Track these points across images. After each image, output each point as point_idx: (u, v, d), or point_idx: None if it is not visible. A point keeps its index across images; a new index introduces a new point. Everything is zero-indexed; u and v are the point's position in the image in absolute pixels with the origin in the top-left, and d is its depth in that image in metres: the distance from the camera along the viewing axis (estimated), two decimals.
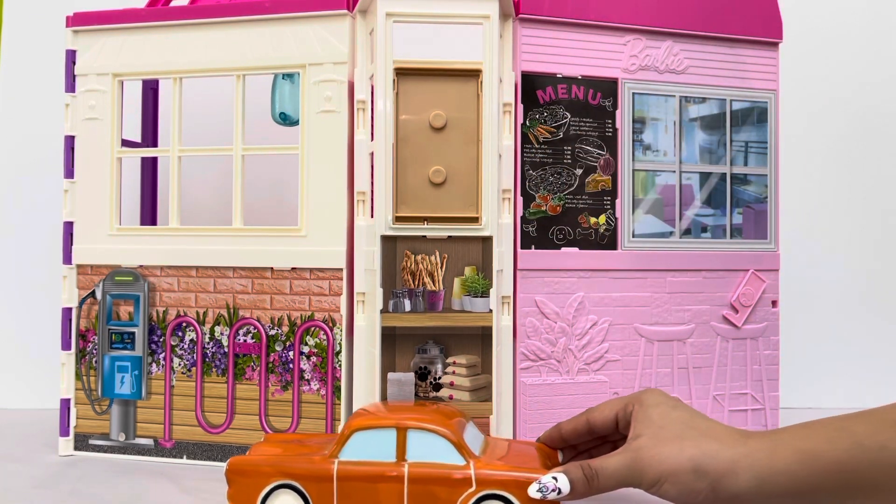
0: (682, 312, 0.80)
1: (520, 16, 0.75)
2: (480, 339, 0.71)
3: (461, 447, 0.55)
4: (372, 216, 0.72)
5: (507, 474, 0.54)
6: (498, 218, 0.70)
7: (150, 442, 0.78)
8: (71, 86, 0.80)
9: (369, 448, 0.56)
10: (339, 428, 0.71)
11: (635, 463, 0.51)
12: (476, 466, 0.54)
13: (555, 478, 0.52)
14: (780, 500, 0.48)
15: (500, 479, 0.54)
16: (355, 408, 0.72)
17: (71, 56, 0.80)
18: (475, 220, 0.68)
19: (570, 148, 0.77)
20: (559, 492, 0.52)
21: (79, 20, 0.80)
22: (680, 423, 0.52)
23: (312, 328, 0.75)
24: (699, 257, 0.81)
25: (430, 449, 0.55)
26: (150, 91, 0.95)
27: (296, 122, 0.79)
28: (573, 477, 0.52)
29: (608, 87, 0.78)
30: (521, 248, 0.75)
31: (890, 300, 1.11)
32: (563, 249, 0.77)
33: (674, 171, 0.81)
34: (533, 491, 0.52)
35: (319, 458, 0.56)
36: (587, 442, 0.61)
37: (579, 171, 0.77)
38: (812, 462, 0.47)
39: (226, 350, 0.77)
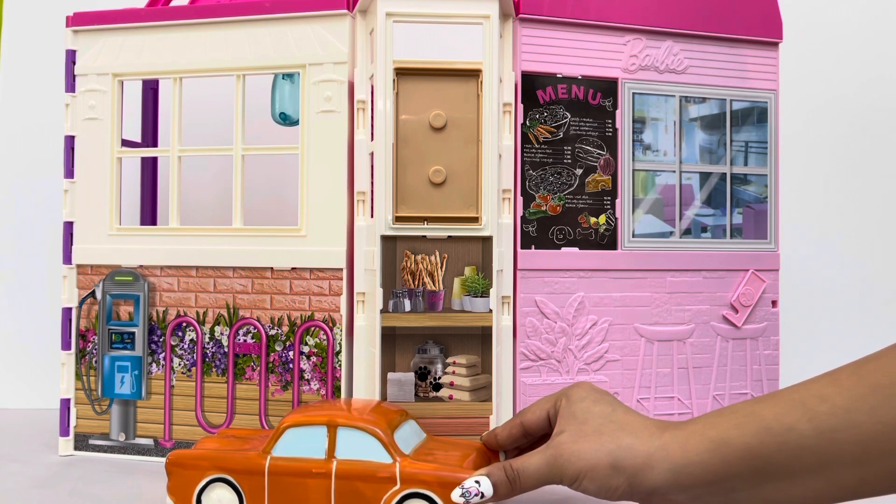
0: (682, 312, 0.80)
1: (520, 16, 0.75)
2: (480, 339, 0.71)
3: (389, 445, 0.56)
4: (372, 216, 0.72)
5: (431, 473, 0.54)
6: (498, 218, 0.70)
7: (150, 442, 0.78)
8: (71, 86, 0.80)
9: (301, 444, 0.57)
10: None
11: (555, 460, 0.51)
12: (402, 465, 0.55)
13: (477, 482, 0.52)
14: (696, 491, 0.47)
15: (424, 478, 0.54)
16: None
17: (71, 56, 0.80)
18: (475, 220, 0.68)
19: (570, 148, 0.77)
20: (482, 496, 0.52)
21: (79, 20, 0.80)
22: (600, 418, 0.52)
23: (312, 328, 0.75)
24: (699, 257, 0.81)
25: (358, 446, 0.56)
26: (150, 91, 0.95)
27: (296, 122, 0.79)
28: (496, 480, 0.52)
29: (608, 87, 0.78)
30: (521, 248, 0.75)
31: (890, 300, 1.11)
32: (563, 249, 0.77)
33: (674, 171, 0.81)
34: (456, 496, 0.52)
35: (254, 454, 0.58)
36: (529, 442, 0.60)
37: (579, 171, 0.77)
38: (723, 450, 0.46)
39: (226, 350, 0.77)
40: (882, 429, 0.41)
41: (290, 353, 0.75)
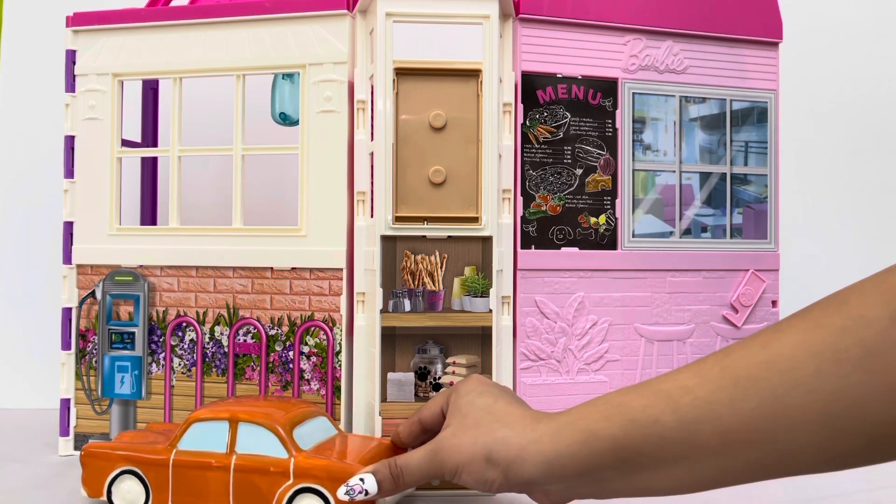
0: (682, 312, 0.80)
1: (520, 16, 0.75)
2: (480, 339, 0.71)
3: (286, 441, 0.57)
4: (372, 216, 0.72)
5: (322, 468, 0.55)
6: (498, 218, 0.70)
7: None
8: (71, 86, 0.80)
9: (205, 438, 0.59)
10: None
11: (435, 455, 0.51)
12: (297, 460, 0.56)
13: (362, 479, 0.53)
14: (569, 481, 0.47)
15: (316, 473, 0.55)
16: (355, 407, 0.72)
17: (71, 56, 0.80)
18: (475, 220, 0.68)
19: (570, 148, 0.77)
20: (366, 493, 0.52)
21: (79, 20, 0.80)
22: (480, 411, 0.52)
23: (312, 328, 0.75)
24: (699, 257, 0.81)
25: (257, 441, 0.58)
26: (150, 91, 0.95)
27: (296, 122, 0.79)
28: (380, 477, 0.53)
29: (608, 87, 0.78)
30: (521, 248, 0.75)
31: None
32: (563, 249, 0.77)
33: (674, 171, 0.81)
34: (341, 494, 0.53)
35: (160, 447, 0.59)
36: (429, 438, 0.60)
37: (579, 171, 0.77)
38: (592, 442, 0.46)
39: (226, 350, 0.77)
40: (741, 420, 0.41)
41: (290, 353, 0.75)
